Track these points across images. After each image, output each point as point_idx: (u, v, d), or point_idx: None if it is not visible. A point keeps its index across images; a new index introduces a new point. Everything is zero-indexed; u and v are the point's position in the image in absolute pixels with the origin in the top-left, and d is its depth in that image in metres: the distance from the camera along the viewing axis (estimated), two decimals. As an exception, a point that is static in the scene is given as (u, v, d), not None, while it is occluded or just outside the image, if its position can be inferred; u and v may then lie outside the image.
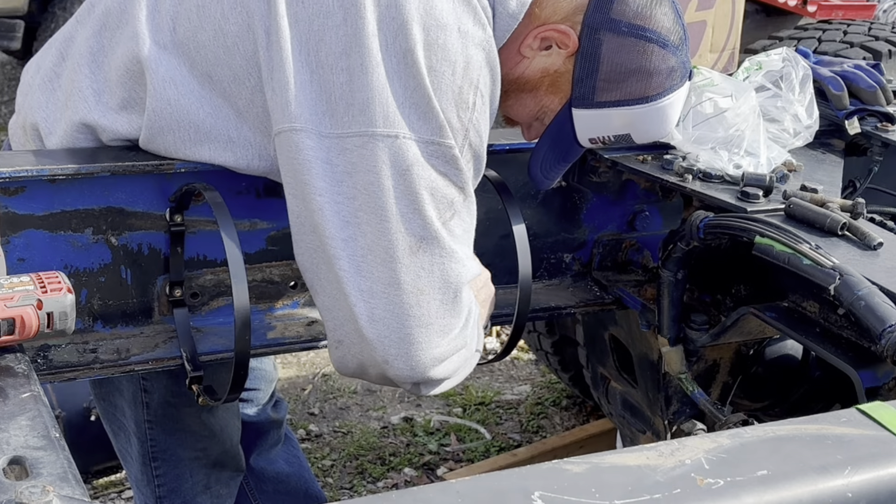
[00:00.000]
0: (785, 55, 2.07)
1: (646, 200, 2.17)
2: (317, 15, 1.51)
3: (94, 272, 1.75)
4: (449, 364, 1.60)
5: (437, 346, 1.56)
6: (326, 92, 1.50)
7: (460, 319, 1.59)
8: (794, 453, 1.06)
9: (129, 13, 1.68)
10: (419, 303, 1.52)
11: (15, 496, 0.93)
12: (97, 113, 1.70)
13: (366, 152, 1.48)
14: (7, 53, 6.56)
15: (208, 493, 2.15)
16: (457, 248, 1.56)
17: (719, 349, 1.96)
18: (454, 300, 1.56)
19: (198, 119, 1.64)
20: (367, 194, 1.49)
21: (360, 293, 1.52)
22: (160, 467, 2.09)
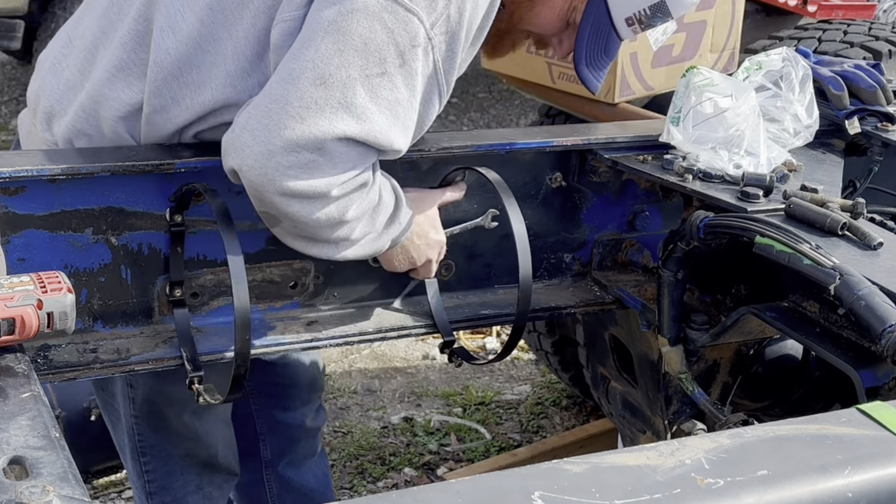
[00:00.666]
0: (785, 55, 2.06)
1: (646, 200, 2.17)
2: None
3: (94, 272, 1.75)
4: (306, 200, 1.55)
5: (299, 170, 1.52)
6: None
7: (337, 169, 1.54)
8: (794, 453, 1.06)
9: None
10: (293, 127, 1.51)
11: (15, 496, 0.93)
12: (99, 84, 1.73)
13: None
14: (7, 53, 6.56)
15: (200, 493, 2.14)
16: (363, 105, 1.53)
17: (719, 349, 1.96)
18: (338, 145, 1.53)
19: (197, 59, 1.67)
20: (318, 26, 1.53)
21: (257, 102, 1.55)
22: (149, 462, 2.09)
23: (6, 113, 6.68)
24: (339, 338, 1.90)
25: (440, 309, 1.97)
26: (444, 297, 2.01)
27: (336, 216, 1.60)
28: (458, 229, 1.97)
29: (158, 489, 2.12)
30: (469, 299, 2.07)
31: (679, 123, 1.97)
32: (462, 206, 2.01)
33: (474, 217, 2.02)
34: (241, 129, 1.54)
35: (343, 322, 1.92)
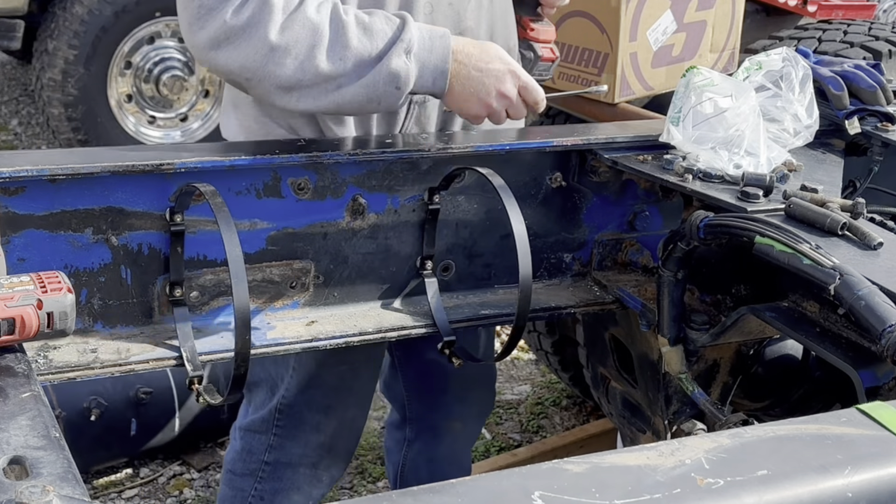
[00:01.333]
0: (785, 55, 2.06)
1: (646, 200, 2.17)
2: None
3: (94, 272, 1.75)
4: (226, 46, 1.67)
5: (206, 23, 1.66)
6: None
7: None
8: (794, 453, 1.06)
9: None
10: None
11: (15, 496, 0.93)
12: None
13: None
14: (7, 53, 6.56)
15: (313, 470, 2.21)
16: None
17: (719, 349, 1.96)
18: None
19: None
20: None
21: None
22: (282, 419, 2.16)
23: (6, 113, 6.68)
24: (339, 338, 1.90)
25: (440, 309, 1.97)
26: (444, 297, 2.01)
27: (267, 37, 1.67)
28: (568, 93, 1.99)
29: (279, 446, 2.18)
30: (469, 299, 2.07)
31: (679, 123, 1.97)
32: (462, 207, 2.01)
33: (474, 218, 2.03)
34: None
35: (343, 322, 1.92)
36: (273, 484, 2.20)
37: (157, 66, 5.35)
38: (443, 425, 2.40)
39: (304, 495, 2.22)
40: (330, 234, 1.90)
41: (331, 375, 2.11)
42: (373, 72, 1.72)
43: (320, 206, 1.87)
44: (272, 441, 2.18)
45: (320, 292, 1.94)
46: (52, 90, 5.15)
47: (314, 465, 2.20)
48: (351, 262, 1.94)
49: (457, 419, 2.41)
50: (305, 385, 2.12)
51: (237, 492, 2.24)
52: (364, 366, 2.15)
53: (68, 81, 5.12)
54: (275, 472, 2.20)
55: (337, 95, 1.73)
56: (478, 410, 2.47)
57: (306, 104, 1.74)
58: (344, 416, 2.19)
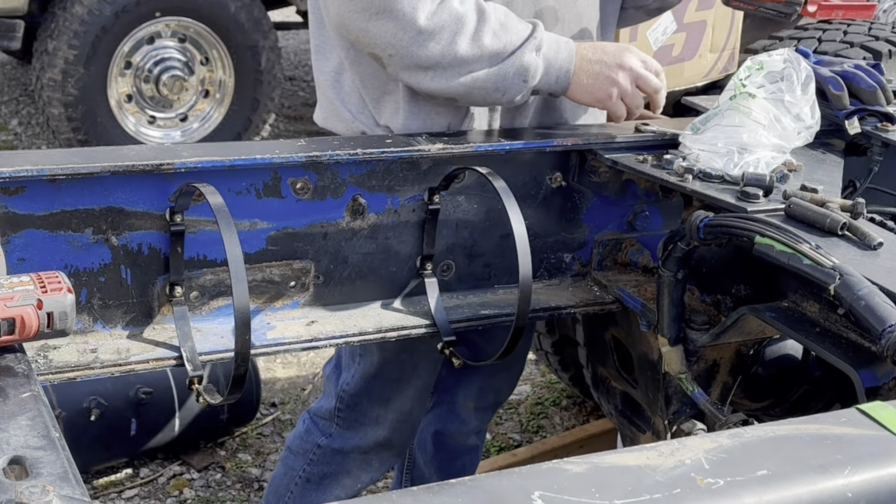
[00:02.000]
0: (787, 56, 2.06)
1: (646, 200, 2.17)
2: None
3: (94, 272, 1.75)
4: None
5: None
6: None
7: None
8: (794, 453, 1.06)
9: None
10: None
11: (15, 496, 0.93)
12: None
13: None
14: (7, 53, 6.56)
15: (364, 457, 2.25)
16: None
17: (719, 349, 1.96)
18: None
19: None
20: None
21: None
22: (343, 410, 2.22)
23: (6, 113, 6.68)
24: (339, 338, 1.90)
25: (440, 309, 1.97)
26: (444, 297, 2.01)
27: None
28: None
29: (337, 434, 2.23)
30: (469, 299, 2.07)
31: (698, 132, 1.99)
32: (462, 207, 2.01)
33: (474, 218, 2.03)
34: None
35: (343, 322, 1.93)
36: (322, 468, 2.25)
37: (157, 66, 5.36)
38: (460, 401, 2.45)
39: (353, 478, 2.27)
40: (330, 234, 1.90)
41: (392, 367, 2.16)
42: (505, 62, 1.87)
43: (320, 206, 1.87)
44: (333, 430, 2.23)
45: (320, 292, 1.94)
46: (52, 90, 5.15)
47: (367, 452, 2.25)
48: (351, 262, 1.94)
49: (472, 399, 2.45)
50: (368, 375, 2.16)
51: (287, 469, 2.30)
52: (424, 358, 2.18)
53: (68, 81, 5.12)
54: (325, 456, 2.24)
55: (469, 79, 1.87)
56: (493, 399, 2.51)
57: (438, 84, 1.88)
58: (402, 409, 2.22)
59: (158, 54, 5.35)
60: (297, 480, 2.27)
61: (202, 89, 5.52)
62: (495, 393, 2.50)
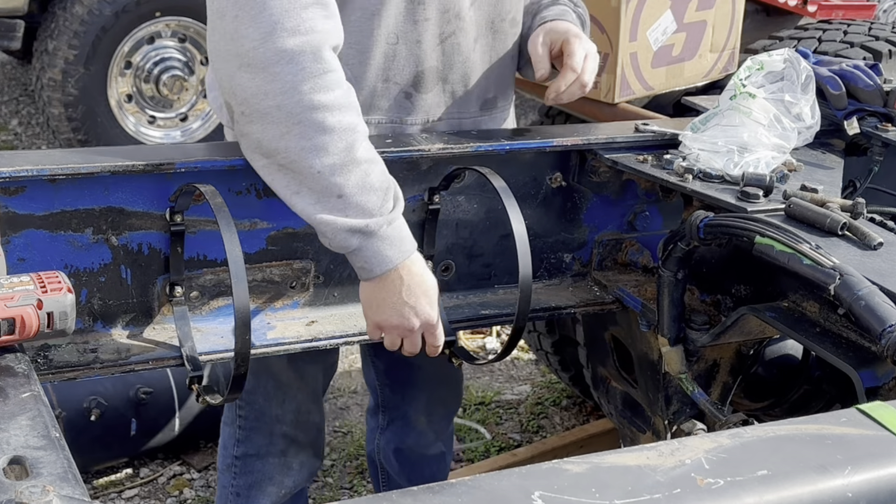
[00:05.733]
0: (787, 56, 2.07)
1: (646, 200, 2.17)
2: None
3: (94, 272, 1.75)
4: (280, 72, 1.58)
5: (240, 36, 1.58)
6: None
7: (264, 4, 1.57)
8: (794, 453, 1.06)
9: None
10: (231, 20, 1.59)
11: (15, 496, 0.93)
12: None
13: None
14: (7, 53, 6.56)
15: (282, 458, 2.20)
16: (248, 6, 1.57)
17: (719, 349, 1.96)
18: (277, 32, 1.56)
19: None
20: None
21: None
22: (244, 408, 2.17)
23: (6, 113, 6.67)
24: (339, 338, 1.90)
25: (440, 309, 1.97)
26: (444, 297, 2.01)
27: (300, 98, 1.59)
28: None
29: (245, 438, 2.19)
30: (469, 299, 2.07)
31: (698, 132, 1.99)
32: (462, 207, 2.01)
33: (474, 218, 2.03)
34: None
35: (343, 322, 1.93)
36: (246, 478, 2.21)
37: (157, 66, 5.35)
38: (412, 417, 2.41)
39: (276, 485, 2.23)
40: (330, 234, 1.90)
41: (276, 367, 2.11)
42: (333, 208, 1.62)
43: (320, 206, 1.87)
44: (238, 434, 2.19)
45: (320, 292, 1.94)
46: (52, 90, 5.15)
47: (282, 454, 2.21)
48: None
49: (423, 414, 2.41)
50: (259, 372, 2.11)
51: (221, 488, 2.28)
52: (309, 364, 2.15)
53: (68, 81, 5.12)
54: (245, 465, 2.21)
55: (295, 183, 1.63)
56: (444, 411, 2.46)
57: (268, 139, 1.64)
58: (299, 409, 2.19)
59: (158, 54, 5.35)
60: (229, 497, 2.24)
61: (202, 89, 5.51)
62: (444, 405, 2.45)
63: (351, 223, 1.62)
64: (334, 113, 1.61)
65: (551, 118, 3.25)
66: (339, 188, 1.61)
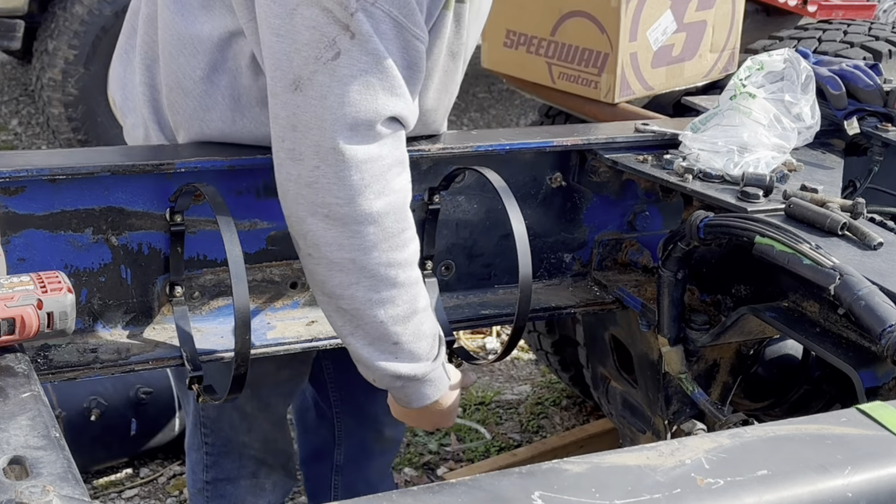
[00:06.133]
0: (787, 56, 2.07)
1: (646, 200, 2.17)
2: None
3: (94, 272, 1.75)
4: (364, 231, 1.53)
5: (324, 190, 1.52)
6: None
7: (357, 166, 1.52)
8: (794, 453, 1.06)
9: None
10: (293, 138, 1.52)
11: (15, 496, 0.93)
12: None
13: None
14: (7, 53, 6.56)
15: (254, 480, 2.17)
16: (338, 87, 1.50)
17: (719, 349, 1.96)
18: (337, 138, 1.50)
19: (195, 29, 1.69)
20: (268, 31, 1.53)
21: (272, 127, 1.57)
22: (209, 435, 2.13)
23: (6, 113, 6.67)
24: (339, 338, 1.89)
25: (440, 309, 1.97)
26: (444, 297, 2.01)
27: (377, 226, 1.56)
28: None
29: (214, 464, 2.15)
30: (469, 299, 2.07)
31: (698, 132, 1.98)
32: (462, 207, 2.01)
33: (474, 218, 2.03)
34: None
35: (343, 322, 1.92)
36: (219, 502, 2.17)
37: (157, 66, 5.35)
38: (370, 437, 2.33)
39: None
40: (330, 234, 1.90)
41: (240, 398, 1.98)
42: (386, 352, 1.64)
43: (320, 206, 1.87)
44: (206, 460, 2.15)
45: (320, 292, 1.94)
46: (52, 90, 5.15)
47: (254, 475, 2.17)
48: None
49: (380, 430, 2.33)
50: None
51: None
52: (273, 392, 2.10)
53: (68, 81, 5.12)
54: (216, 489, 2.17)
55: (352, 326, 1.62)
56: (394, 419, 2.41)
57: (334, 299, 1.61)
58: (266, 438, 2.14)
59: (158, 54, 5.35)
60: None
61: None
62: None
63: (402, 370, 1.65)
64: (405, 269, 1.60)
65: (551, 118, 3.25)
66: (396, 336, 1.62)
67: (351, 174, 1.52)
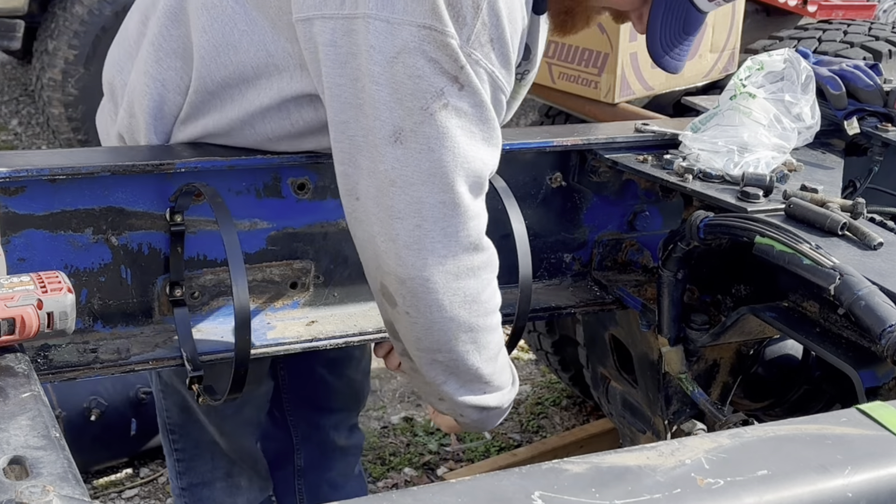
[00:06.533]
0: (787, 56, 2.07)
1: (646, 200, 2.17)
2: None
3: (94, 272, 1.75)
4: (463, 286, 1.51)
5: (427, 248, 1.47)
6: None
7: (464, 222, 1.50)
8: (794, 453, 1.06)
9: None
10: (392, 194, 1.46)
11: (15, 496, 0.93)
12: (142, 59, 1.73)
13: (362, 34, 1.44)
14: (7, 53, 6.56)
15: (229, 480, 2.15)
16: (447, 140, 1.46)
17: (719, 349, 1.96)
18: (444, 192, 1.47)
19: (234, 39, 1.63)
20: (366, 77, 1.46)
21: (349, 177, 1.51)
22: (178, 441, 2.12)
23: (6, 113, 6.68)
24: (339, 338, 1.89)
25: None
26: (444, 297, 2.01)
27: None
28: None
29: (187, 469, 2.14)
30: (469, 299, 2.07)
31: (698, 132, 1.98)
32: (462, 206, 2.01)
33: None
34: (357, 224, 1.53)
35: (343, 322, 1.92)
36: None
37: (157, 66, 5.35)
38: (328, 444, 2.32)
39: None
40: (330, 233, 1.90)
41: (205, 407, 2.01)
42: (476, 391, 1.66)
43: (320, 205, 1.87)
44: (178, 466, 2.13)
45: (320, 292, 1.94)
46: (52, 90, 5.15)
47: (228, 475, 2.15)
48: (351, 261, 1.94)
49: (337, 430, 2.32)
50: (184, 407, 2.06)
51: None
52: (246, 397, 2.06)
53: (68, 81, 5.12)
54: (193, 495, 2.15)
55: (446, 374, 1.62)
56: (353, 422, 2.37)
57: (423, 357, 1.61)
58: (235, 445, 2.12)
59: (158, 54, 5.35)
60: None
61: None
62: (351, 412, 2.35)
63: (490, 402, 1.69)
64: (497, 313, 1.62)
65: (551, 118, 3.25)
66: (489, 376, 1.65)
67: (458, 231, 1.50)
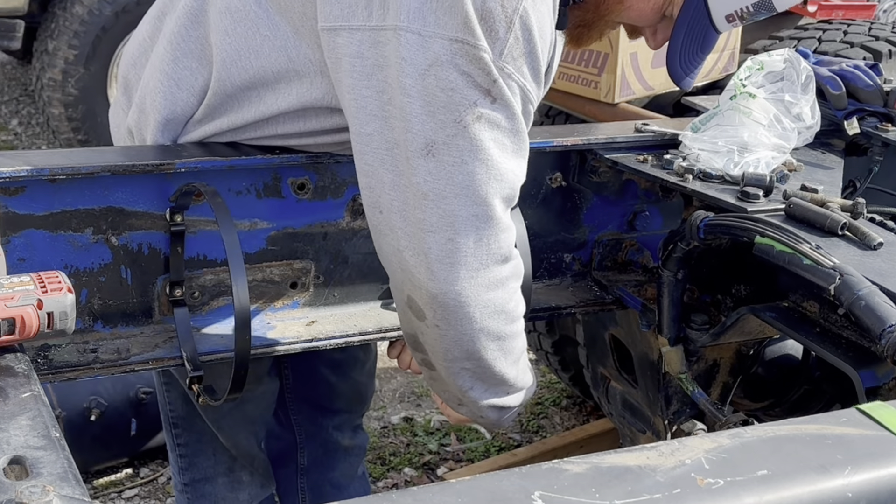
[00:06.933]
0: (787, 56, 2.07)
1: (646, 200, 2.17)
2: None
3: (94, 272, 1.75)
4: (493, 298, 1.51)
5: (459, 262, 1.47)
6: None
7: (496, 235, 1.49)
8: (794, 453, 1.06)
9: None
10: (423, 207, 1.45)
11: (15, 496, 0.93)
12: (158, 58, 1.72)
13: (392, 46, 1.43)
14: (7, 53, 6.56)
15: (230, 476, 2.15)
16: (481, 153, 1.45)
17: (719, 349, 1.96)
18: (477, 205, 1.46)
19: (255, 43, 1.62)
20: (394, 89, 1.44)
21: (372, 189, 1.50)
22: (181, 436, 2.12)
23: (6, 113, 6.68)
24: (339, 338, 1.90)
25: None
26: (444, 297, 2.01)
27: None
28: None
29: (189, 465, 2.14)
30: (469, 299, 2.07)
31: (698, 132, 1.98)
32: (462, 206, 2.01)
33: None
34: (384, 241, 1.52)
35: (343, 322, 1.93)
36: (200, 502, 2.16)
37: (157, 66, 5.35)
38: (331, 444, 2.32)
39: (231, 502, 2.17)
40: (330, 234, 1.90)
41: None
42: (500, 393, 1.68)
43: (320, 205, 1.87)
44: (181, 462, 2.13)
45: (320, 292, 1.94)
46: (52, 90, 5.15)
47: (230, 471, 2.15)
48: (351, 262, 1.94)
49: (340, 430, 2.32)
50: (187, 399, 2.05)
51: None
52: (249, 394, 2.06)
53: (68, 81, 5.12)
54: (196, 490, 2.15)
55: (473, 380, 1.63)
56: (356, 423, 2.38)
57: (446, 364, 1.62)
58: (235, 442, 2.11)
59: (158, 54, 5.35)
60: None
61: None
62: (355, 413, 2.35)
63: (510, 402, 1.70)
64: (521, 319, 1.62)
65: (551, 118, 3.25)
66: (513, 379, 1.67)
67: (490, 244, 1.49)
